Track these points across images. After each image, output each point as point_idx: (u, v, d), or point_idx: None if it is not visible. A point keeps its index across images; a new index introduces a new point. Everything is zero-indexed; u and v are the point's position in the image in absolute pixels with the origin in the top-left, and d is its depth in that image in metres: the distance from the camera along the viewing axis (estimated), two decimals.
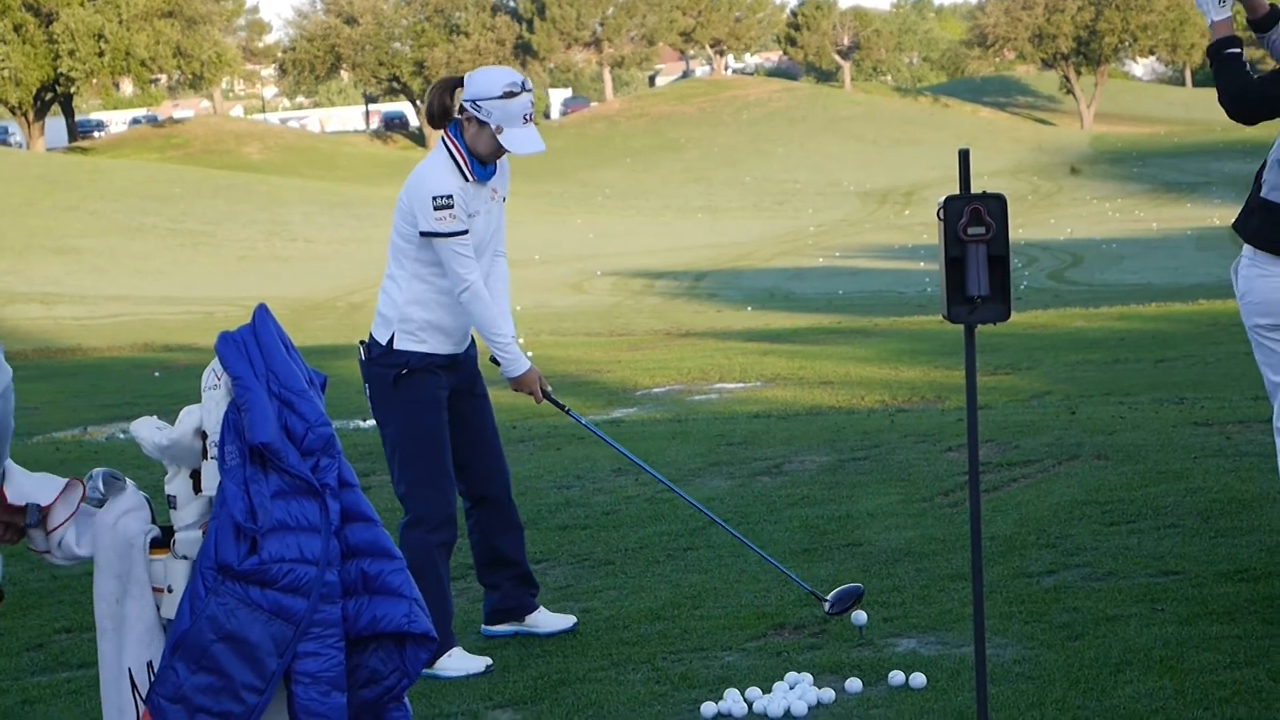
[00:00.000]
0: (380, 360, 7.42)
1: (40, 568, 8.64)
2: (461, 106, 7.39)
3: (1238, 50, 6.99)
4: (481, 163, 7.39)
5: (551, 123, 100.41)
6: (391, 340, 7.39)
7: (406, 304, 7.40)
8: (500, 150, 7.37)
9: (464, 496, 7.70)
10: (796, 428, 13.24)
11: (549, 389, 7.63)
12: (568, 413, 7.78)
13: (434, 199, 7.28)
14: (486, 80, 7.37)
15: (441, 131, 7.48)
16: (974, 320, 5.39)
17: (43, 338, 30.86)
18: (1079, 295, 32.53)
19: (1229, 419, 11.85)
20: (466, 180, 7.36)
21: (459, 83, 7.45)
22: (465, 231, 7.29)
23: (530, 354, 22.13)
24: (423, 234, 7.29)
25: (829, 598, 7.30)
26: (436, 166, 7.38)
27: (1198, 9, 7.12)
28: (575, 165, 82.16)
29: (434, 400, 7.41)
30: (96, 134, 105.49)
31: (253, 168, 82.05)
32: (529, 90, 7.40)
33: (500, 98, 7.30)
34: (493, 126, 7.29)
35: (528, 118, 7.36)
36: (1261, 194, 6.94)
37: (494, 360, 7.55)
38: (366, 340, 7.52)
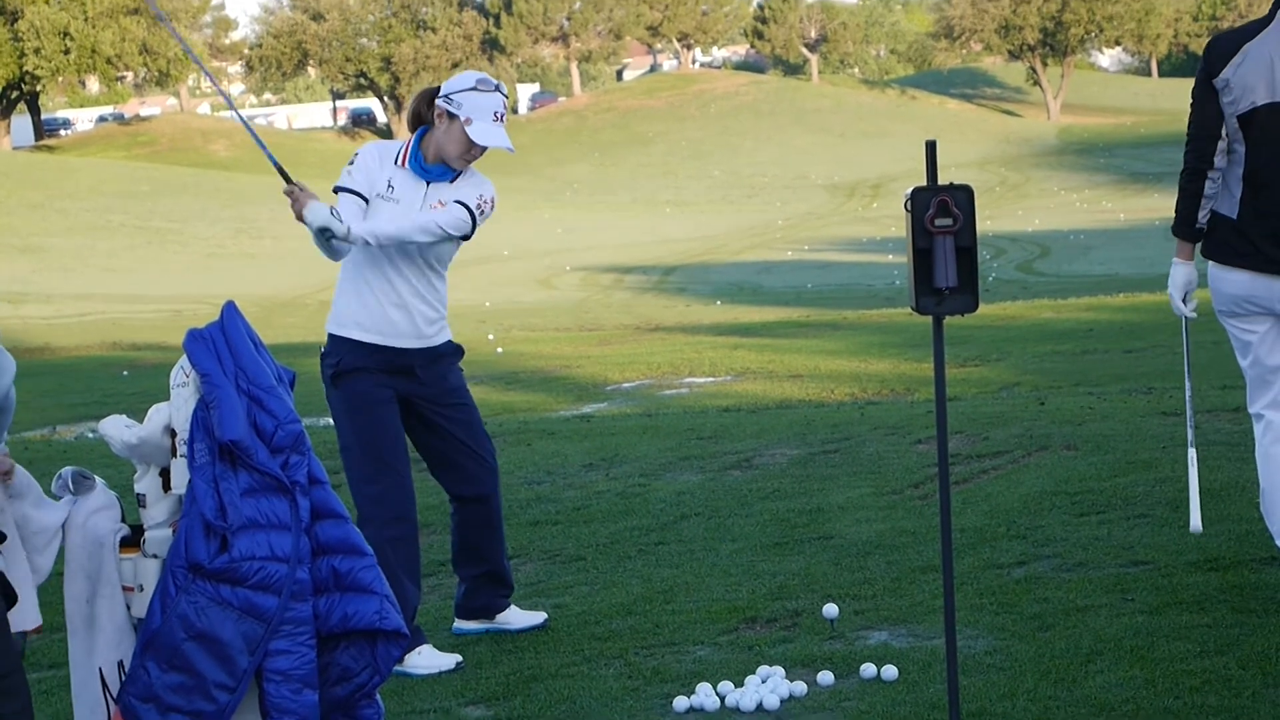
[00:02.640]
0: (323, 359, 7.44)
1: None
2: (436, 104, 7.38)
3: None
4: (439, 161, 7.34)
5: (519, 118, 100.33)
6: (329, 331, 7.43)
7: (340, 292, 7.42)
8: (470, 149, 7.31)
9: (447, 492, 7.71)
10: (766, 421, 13.25)
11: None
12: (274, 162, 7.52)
13: (352, 156, 7.41)
14: (461, 77, 7.42)
15: None
16: (942, 311, 5.40)
17: (9, 337, 30.74)
18: (1047, 286, 32.60)
19: (1197, 408, 11.89)
20: (395, 163, 7.35)
21: (438, 91, 7.47)
22: (353, 192, 7.28)
23: (500, 349, 22.02)
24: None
25: None
26: (380, 142, 7.50)
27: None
28: (543, 160, 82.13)
29: (371, 398, 7.35)
30: (63, 132, 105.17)
31: (220, 165, 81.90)
32: (502, 93, 7.40)
33: (471, 89, 7.31)
34: (462, 118, 7.28)
35: (498, 116, 7.34)
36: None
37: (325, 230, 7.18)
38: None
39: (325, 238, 7.09)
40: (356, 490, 7.46)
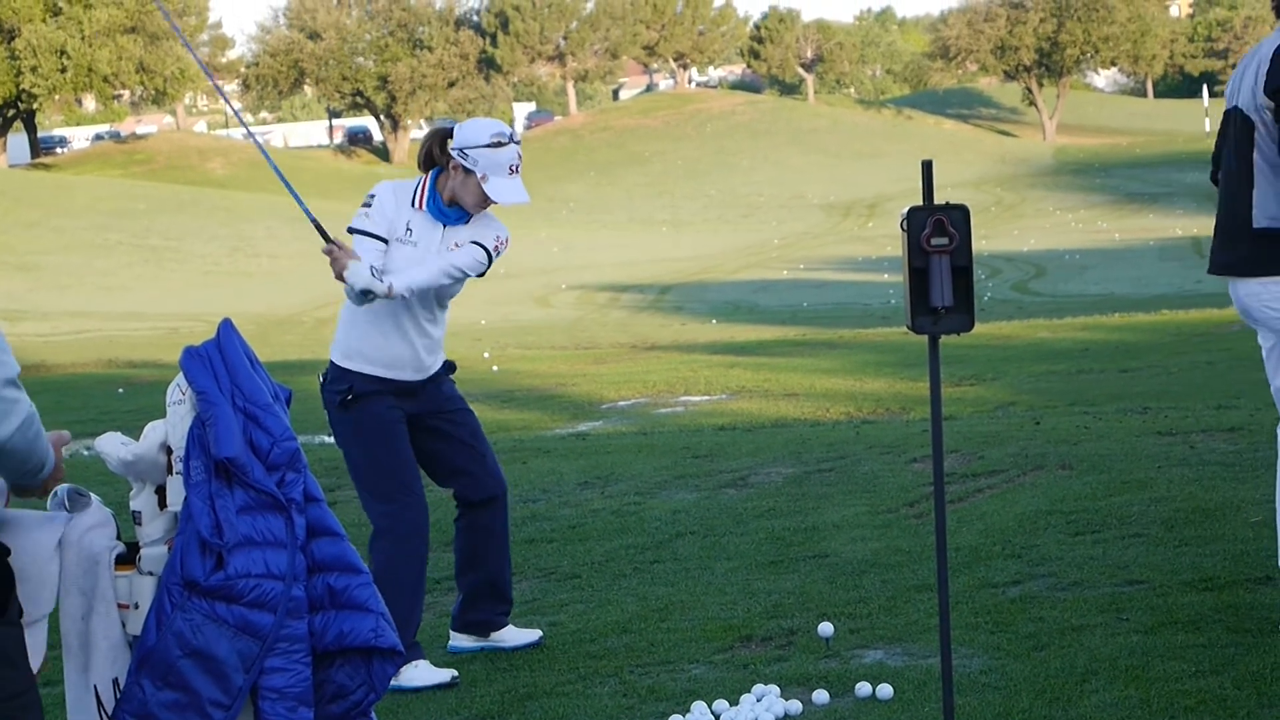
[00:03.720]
0: (330, 384, 7.45)
1: None
2: (450, 155, 7.37)
3: None
4: (454, 203, 7.38)
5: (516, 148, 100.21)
6: (334, 360, 7.44)
7: (344, 327, 7.45)
8: (485, 201, 7.35)
9: (456, 500, 7.74)
10: (762, 440, 13.25)
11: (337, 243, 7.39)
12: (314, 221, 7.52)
13: (366, 196, 7.36)
14: (475, 129, 7.37)
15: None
16: (938, 331, 5.40)
17: None
18: (1043, 306, 32.63)
19: (1192, 428, 11.90)
20: (413, 205, 7.36)
21: (450, 133, 7.47)
22: (373, 235, 7.27)
23: (496, 367, 21.97)
24: (348, 231, 7.35)
25: None
26: (396, 182, 7.47)
27: None
28: (539, 179, 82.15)
29: (381, 419, 7.38)
30: (59, 150, 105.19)
31: (216, 183, 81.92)
32: (517, 143, 7.41)
33: (487, 146, 7.30)
34: (479, 174, 7.29)
35: (514, 169, 7.36)
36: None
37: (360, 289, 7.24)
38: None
39: (368, 299, 7.12)
40: (371, 509, 7.47)
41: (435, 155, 7.46)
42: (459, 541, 7.78)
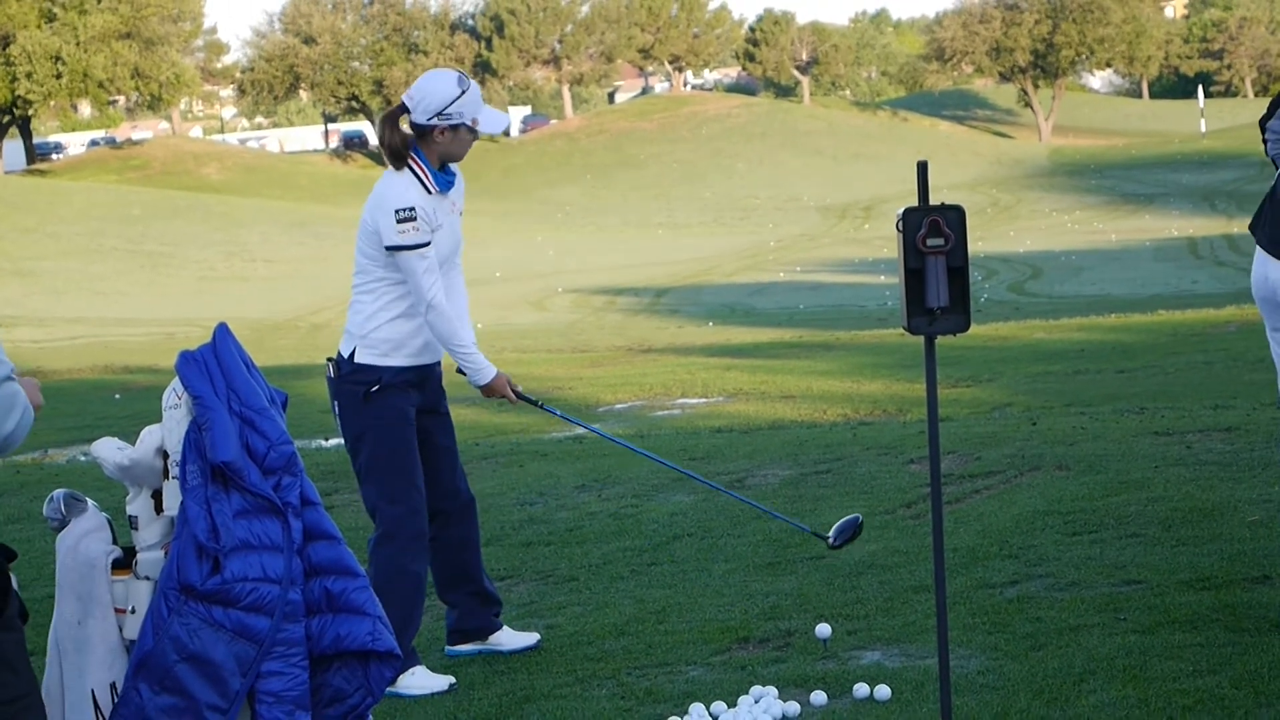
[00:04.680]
0: (350, 377, 7.38)
1: None
2: (423, 127, 7.36)
3: None
4: (442, 170, 7.41)
5: (511, 140, 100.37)
6: (355, 355, 7.37)
7: (371, 320, 7.38)
8: (473, 140, 7.46)
9: (431, 509, 7.69)
10: (759, 442, 13.25)
11: (519, 388, 7.64)
12: (542, 408, 7.80)
13: (397, 212, 7.26)
14: (437, 89, 7.34)
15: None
16: (934, 331, 5.40)
17: None
18: (1039, 307, 32.63)
19: (1189, 428, 11.90)
20: (429, 193, 7.36)
21: (401, 110, 7.45)
22: (428, 244, 7.29)
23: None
24: (388, 249, 7.28)
25: (830, 535, 7.42)
26: (397, 180, 7.37)
27: None
28: (535, 183, 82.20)
29: (403, 417, 7.40)
30: (55, 156, 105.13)
31: (212, 188, 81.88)
32: (470, 78, 7.48)
33: (461, 96, 7.33)
34: (468, 122, 7.33)
35: (482, 97, 7.47)
36: None
37: (460, 371, 7.56)
38: (335, 358, 7.49)
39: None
40: (379, 510, 7.43)
41: (399, 142, 7.40)
42: (438, 559, 7.69)
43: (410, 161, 7.38)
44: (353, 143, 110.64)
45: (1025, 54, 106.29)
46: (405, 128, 7.43)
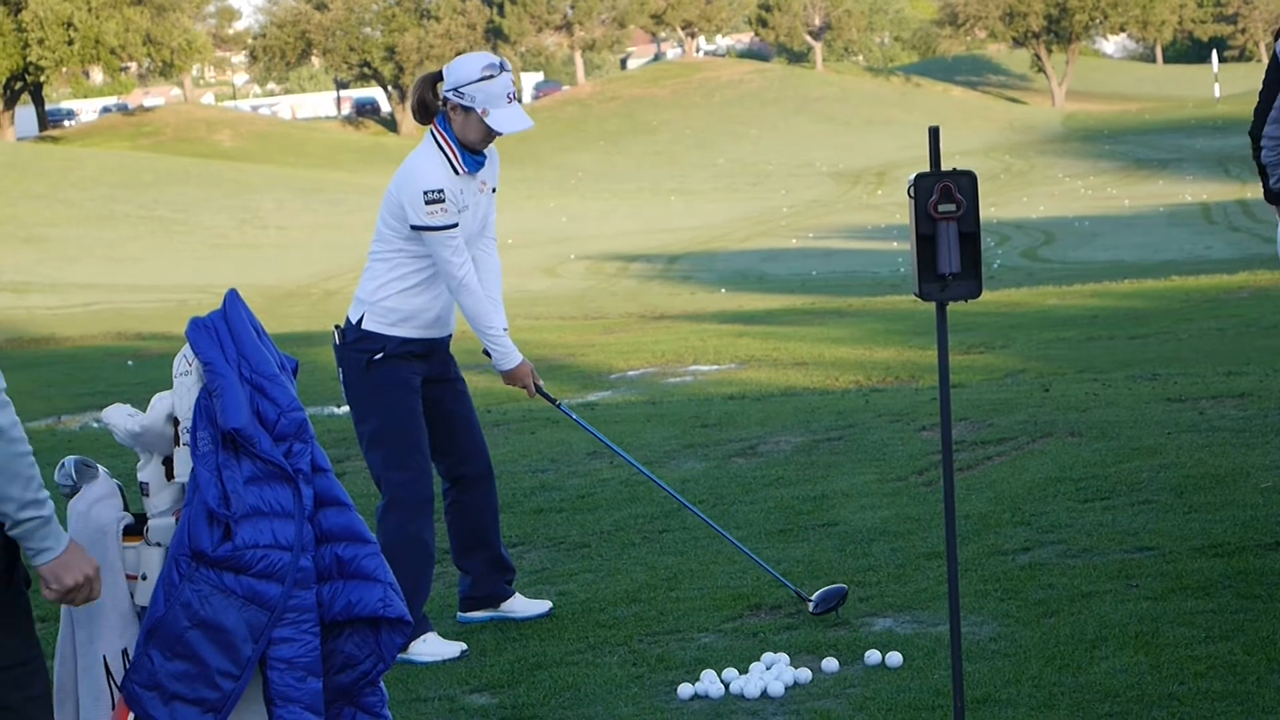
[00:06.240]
0: (354, 344, 7.40)
1: None
2: (444, 98, 7.37)
3: None
4: (472, 152, 7.38)
5: (523, 106, 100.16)
6: (362, 321, 7.37)
7: (383, 289, 7.38)
8: (489, 134, 7.34)
9: (443, 478, 7.71)
10: (771, 409, 13.25)
11: (540, 383, 7.64)
12: (558, 406, 7.79)
13: (425, 193, 7.24)
14: (464, 67, 7.36)
15: (430, 126, 7.44)
16: (945, 297, 5.39)
17: (14, 327, 30.76)
18: (1052, 273, 32.59)
19: (1202, 394, 11.89)
20: (457, 173, 7.34)
21: (439, 77, 7.44)
22: (456, 225, 7.28)
23: None
24: (414, 228, 7.27)
25: (814, 598, 7.30)
26: (427, 160, 7.35)
27: None
28: (548, 149, 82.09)
29: (406, 385, 7.40)
30: (67, 123, 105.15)
31: (224, 155, 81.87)
32: (507, 70, 7.39)
33: (480, 80, 7.30)
34: (478, 110, 7.28)
35: (511, 97, 7.37)
36: None
37: (486, 353, 7.57)
38: (342, 325, 7.50)
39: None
40: (384, 477, 7.44)
41: (429, 101, 7.45)
42: (456, 524, 7.72)
43: (439, 137, 7.35)
44: (365, 109, 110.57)
45: (1039, 19, 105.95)
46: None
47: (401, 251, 7.36)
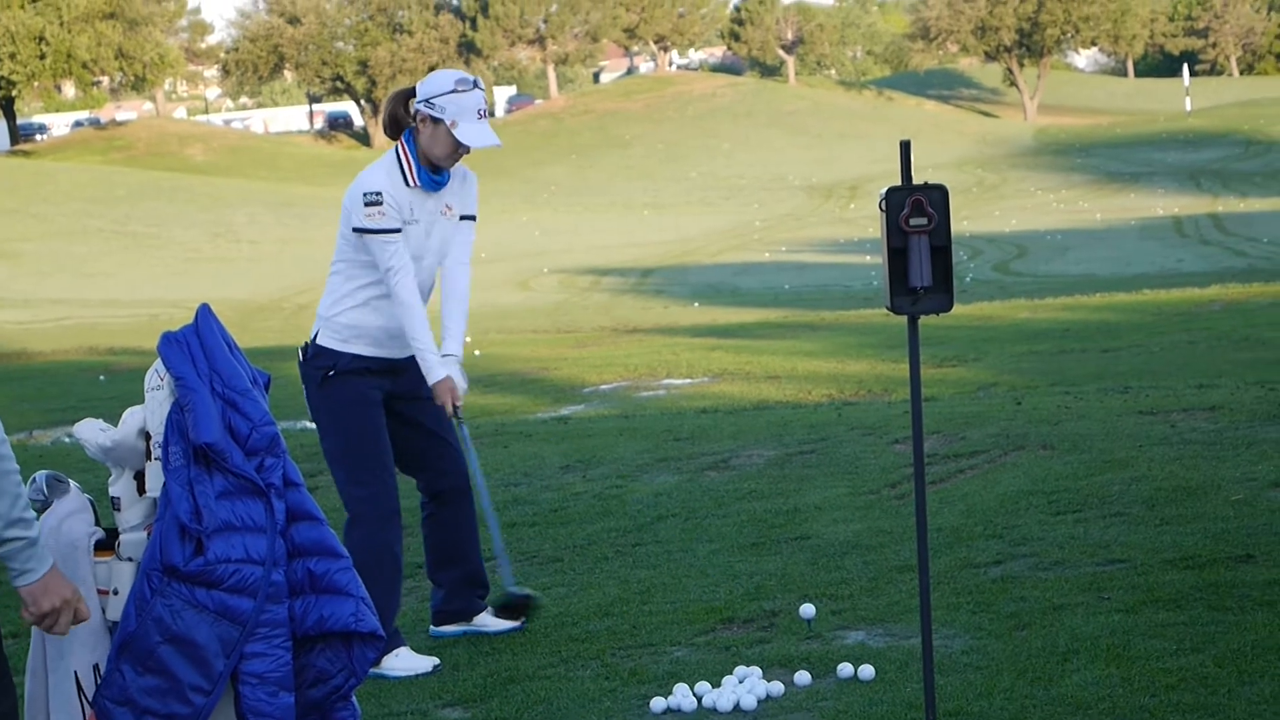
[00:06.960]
0: (311, 361, 7.42)
1: None
2: (415, 110, 7.37)
3: None
4: (434, 169, 7.36)
5: (496, 120, 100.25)
6: (317, 337, 7.39)
7: (337, 304, 7.40)
8: (456, 149, 7.32)
9: (421, 493, 7.70)
10: (744, 422, 13.25)
11: (459, 405, 7.53)
12: (460, 425, 7.66)
13: (365, 195, 7.28)
14: (438, 79, 7.39)
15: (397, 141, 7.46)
16: (917, 311, 5.40)
17: None
18: (1024, 286, 32.65)
19: (1173, 407, 11.91)
20: (408, 185, 7.33)
21: (412, 93, 7.45)
22: (396, 230, 7.27)
23: (478, 352, 21.93)
24: (354, 230, 7.30)
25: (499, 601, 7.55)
26: (376, 167, 7.39)
27: None
28: (521, 163, 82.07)
29: (363, 399, 7.38)
30: (39, 137, 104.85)
31: (196, 169, 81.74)
32: (480, 88, 7.40)
33: (452, 93, 7.31)
34: (447, 121, 7.28)
35: (481, 113, 7.36)
36: None
37: None
38: (306, 342, 7.52)
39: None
40: (346, 493, 7.44)
41: (400, 116, 7.45)
42: (431, 538, 7.72)
43: (399, 150, 7.37)
44: (337, 123, 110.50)
45: (1010, 33, 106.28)
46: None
47: (352, 263, 7.36)
